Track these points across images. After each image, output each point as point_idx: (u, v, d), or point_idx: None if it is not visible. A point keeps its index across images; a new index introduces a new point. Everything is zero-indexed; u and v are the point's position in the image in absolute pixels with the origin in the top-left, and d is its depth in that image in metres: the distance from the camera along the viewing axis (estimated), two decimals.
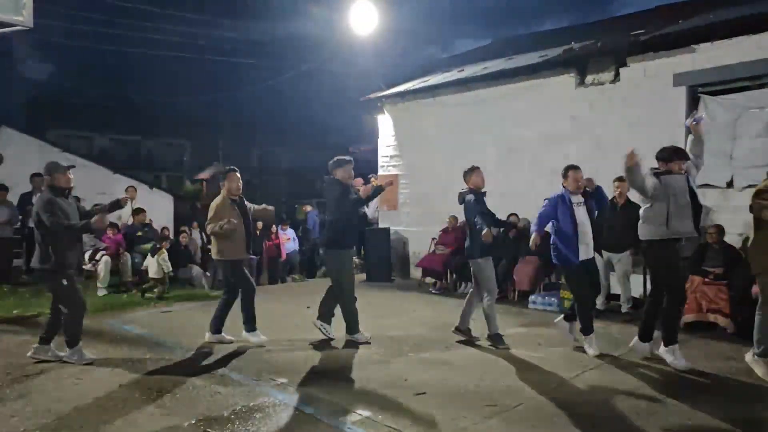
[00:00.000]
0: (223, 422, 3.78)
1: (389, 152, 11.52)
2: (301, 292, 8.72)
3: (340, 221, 5.76)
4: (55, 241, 4.90)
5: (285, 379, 4.62)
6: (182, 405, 4.08)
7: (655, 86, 7.76)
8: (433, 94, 10.66)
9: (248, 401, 4.15)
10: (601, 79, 8.38)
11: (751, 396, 4.29)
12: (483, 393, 4.32)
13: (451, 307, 7.90)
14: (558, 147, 8.77)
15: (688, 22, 8.18)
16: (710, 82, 7.39)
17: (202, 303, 8.17)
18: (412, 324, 6.28)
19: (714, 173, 7.17)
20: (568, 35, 10.76)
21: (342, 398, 4.21)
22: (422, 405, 4.12)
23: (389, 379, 4.69)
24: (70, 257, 5.02)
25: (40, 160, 12.08)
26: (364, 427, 3.71)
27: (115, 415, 3.89)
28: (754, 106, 7.04)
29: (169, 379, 4.62)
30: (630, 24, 9.66)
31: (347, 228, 5.77)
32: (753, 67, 6.94)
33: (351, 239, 5.80)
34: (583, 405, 4.08)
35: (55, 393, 4.32)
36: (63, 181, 5.05)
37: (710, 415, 3.87)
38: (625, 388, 4.46)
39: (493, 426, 3.74)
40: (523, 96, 9.24)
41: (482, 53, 12.46)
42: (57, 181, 5.03)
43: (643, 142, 7.70)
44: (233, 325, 5.85)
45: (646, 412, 3.94)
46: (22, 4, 5.51)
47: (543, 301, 7.70)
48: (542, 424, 3.75)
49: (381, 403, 4.13)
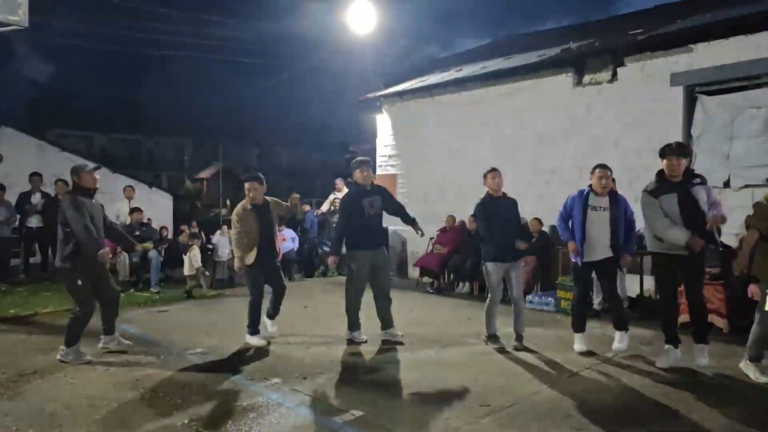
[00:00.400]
0: (217, 422, 3.77)
1: (387, 152, 11.54)
2: (298, 291, 8.72)
3: (350, 224, 5.76)
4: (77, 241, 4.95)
5: (279, 379, 4.62)
6: (175, 405, 4.07)
7: (652, 86, 7.76)
8: (431, 94, 10.67)
9: (242, 401, 4.15)
10: (598, 79, 8.38)
11: (745, 396, 4.28)
12: (477, 393, 4.31)
13: (448, 307, 7.92)
14: (555, 146, 8.78)
15: (686, 21, 8.17)
16: (707, 82, 7.39)
17: (198, 303, 8.17)
18: (408, 323, 6.27)
19: (711, 173, 7.15)
20: (567, 35, 10.77)
21: (336, 398, 4.21)
22: (416, 404, 4.12)
23: (384, 379, 4.70)
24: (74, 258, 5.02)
25: (39, 160, 12.21)
26: (357, 426, 3.71)
27: (108, 415, 3.89)
28: (751, 105, 7.04)
29: (163, 379, 4.62)
30: (628, 23, 9.66)
31: (359, 230, 5.71)
32: (750, 67, 6.94)
33: (364, 240, 5.72)
34: (576, 405, 4.07)
35: (49, 392, 4.32)
36: (89, 181, 5.16)
37: (704, 415, 3.86)
38: (619, 388, 4.46)
39: (486, 426, 3.73)
40: (520, 95, 9.25)
41: (481, 53, 12.47)
42: (83, 181, 5.14)
43: (641, 142, 7.76)
44: (235, 326, 5.85)
45: (639, 412, 3.95)
46: (18, 4, 5.51)
47: (540, 300, 7.71)
48: (534, 425, 3.74)
49: (375, 403, 4.13)
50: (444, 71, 11.55)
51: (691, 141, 7.53)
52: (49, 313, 7.08)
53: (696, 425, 3.75)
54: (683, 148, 5.05)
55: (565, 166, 8.67)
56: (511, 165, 9.22)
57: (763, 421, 3.76)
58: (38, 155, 12.52)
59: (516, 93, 9.30)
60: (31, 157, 12.09)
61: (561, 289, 7.45)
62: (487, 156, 9.66)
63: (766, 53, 6.81)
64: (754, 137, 7.02)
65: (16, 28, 5.76)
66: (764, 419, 3.80)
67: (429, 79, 11.22)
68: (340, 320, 6.81)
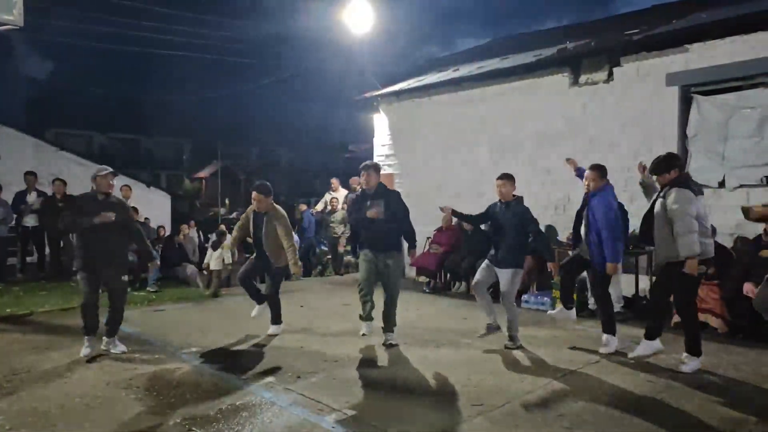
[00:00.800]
0: (209, 421, 3.78)
1: (385, 151, 11.54)
2: (295, 290, 8.73)
3: (356, 225, 6.11)
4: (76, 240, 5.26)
5: (272, 378, 4.63)
6: (169, 404, 4.08)
7: (648, 86, 7.77)
8: (428, 94, 10.67)
9: (235, 400, 4.16)
10: (594, 79, 8.39)
11: (740, 396, 4.29)
12: (470, 392, 4.32)
13: (443, 307, 7.92)
14: (552, 146, 8.79)
15: (681, 21, 8.18)
16: (703, 82, 7.40)
17: (195, 302, 8.18)
18: (403, 323, 6.27)
19: (706, 173, 7.18)
20: (565, 35, 10.78)
21: (329, 397, 4.21)
22: (409, 404, 4.13)
23: (377, 378, 4.71)
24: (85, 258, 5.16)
25: (37, 159, 12.21)
26: (349, 426, 3.72)
27: (100, 414, 3.90)
28: (746, 106, 7.04)
29: (156, 378, 4.63)
30: (625, 23, 9.67)
31: (362, 231, 5.89)
32: (745, 67, 6.95)
33: (365, 241, 5.83)
34: (569, 404, 4.08)
35: (42, 391, 4.33)
36: (102, 185, 5.28)
37: (697, 415, 3.88)
38: (612, 387, 4.46)
39: (478, 425, 3.74)
40: (517, 95, 9.26)
41: (478, 52, 12.47)
42: (96, 185, 5.28)
43: (636, 142, 7.77)
44: (230, 326, 5.84)
45: (633, 412, 3.94)
46: (13, 3, 5.51)
47: (535, 300, 7.71)
48: (526, 424, 3.76)
49: (367, 402, 4.15)
50: (441, 71, 11.55)
51: (687, 141, 7.54)
52: (45, 312, 7.09)
53: (688, 423, 3.77)
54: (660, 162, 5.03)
55: (561, 166, 8.65)
56: (508, 165, 9.20)
57: (756, 420, 3.78)
58: (35, 154, 12.53)
59: (513, 93, 9.31)
60: (29, 157, 12.10)
61: (557, 288, 7.44)
62: (484, 156, 9.69)
63: (760, 53, 6.82)
64: (749, 137, 7.03)
65: (11, 27, 5.76)
66: (758, 418, 3.82)
67: (426, 78, 11.22)
68: (335, 320, 6.83)
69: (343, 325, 6.46)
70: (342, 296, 8.45)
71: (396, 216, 5.68)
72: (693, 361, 4.82)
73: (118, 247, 5.36)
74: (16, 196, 9.79)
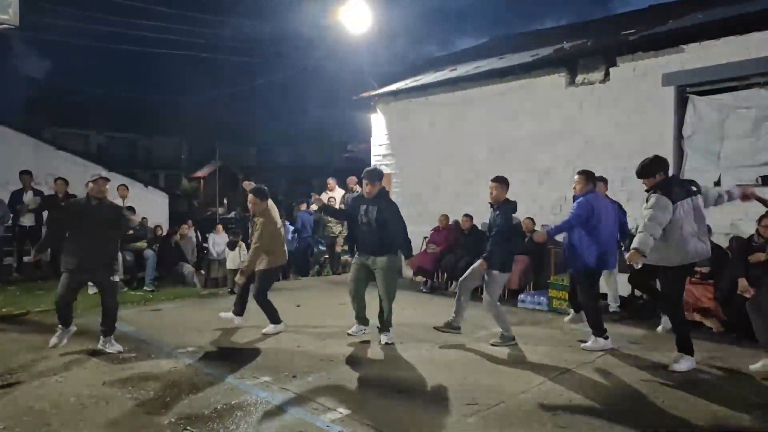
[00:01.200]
0: (204, 420, 3.79)
1: (382, 151, 11.55)
2: (292, 290, 8.74)
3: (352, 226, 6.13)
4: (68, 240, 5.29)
5: (268, 378, 4.63)
6: (163, 403, 4.08)
7: (644, 86, 7.79)
8: (425, 93, 10.68)
9: (230, 399, 4.16)
10: (591, 79, 8.40)
11: (734, 395, 4.30)
12: (465, 391, 4.33)
13: (440, 306, 7.91)
14: (548, 146, 8.81)
15: (677, 22, 8.20)
16: (699, 82, 7.42)
17: (191, 302, 8.18)
18: (399, 322, 6.28)
19: (702, 173, 7.19)
20: (562, 35, 10.79)
21: (324, 396, 4.22)
22: (404, 403, 4.14)
23: (373, 378, 4.71)
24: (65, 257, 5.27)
25: (34, 159, 12.17)
26: (344, 425, 3.73)
27: (96, 414, 3.90)
28: (741, 106, 7.07)
29: (151, 378, 4.63)
30: (621, 23, 9.69)
31: (356, 233, 5.95)
32: (741, 68, 6.97)
33: (358, 243, 5.91)
34: (563, 404, 4.09)
35: (38, 391, 4.33)
36: (94, 191, 5.32)
37: (691, 414, 3.89)
38: (607, 386, 4.48)
39: (472, 424, 3.75)
40: (514, 95, 9.27)
41: (476, 52, 12.48)
42: (90, 190, 5.34)
43: (632, 141, 7.78)
44: (227, 325, 5.82)
45: (627, 412, 3.96)
46: (8, 3, 5.50)
47: (532, 300, 7.72)
48: (520, 423, 3.77)
49: (362, 401, 4.16)
50: (438, 71, 11.56)
51: (683, 141, 7.56)
52: (42, 312, 7.08)
53: (683, 422, 3.78)
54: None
55: (557, 166, 8.69)
56: (504, 165, 9.23)
57: (750, 417, 3.80)
58: (33, 154, 12.50)
59: (509, 93, 9.32)
60: (27, 156, 12.07)
61: (553, 288, 7.47)
62: (481, 155, 9.71)
63: (756, 53, 6.85)
64: (745, 137, 7.05)
65: (7, 26, 5.76)
66: (752, 417, 3.83)
67: (423, 78, 11.22)
68: (332, 319, 6.84)
69: (340, 325, 6.46)
70: (339, 296, 8.43)
71: (387, 224, 5.68)
72: (686, 359, 4.83)
73: (109, 248, 5.43)
74: (12, 195, 9.77)
